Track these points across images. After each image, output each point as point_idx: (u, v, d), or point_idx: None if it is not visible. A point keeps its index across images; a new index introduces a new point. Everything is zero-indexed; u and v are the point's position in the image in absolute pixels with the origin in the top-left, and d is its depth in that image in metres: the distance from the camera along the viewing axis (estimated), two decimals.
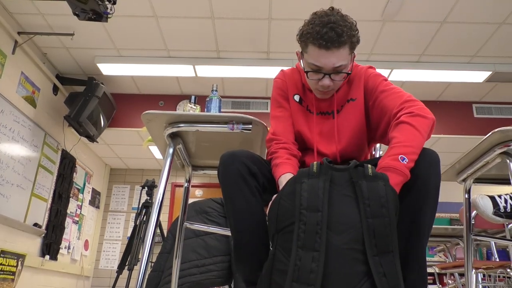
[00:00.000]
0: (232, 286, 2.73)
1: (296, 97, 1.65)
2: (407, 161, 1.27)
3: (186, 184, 2.23)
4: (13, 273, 4.15)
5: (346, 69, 1.48)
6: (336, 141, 1.58)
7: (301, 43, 1.49)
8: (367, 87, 1.57)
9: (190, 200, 2.44)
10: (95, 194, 6.60)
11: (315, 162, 1.27)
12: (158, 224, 2.64)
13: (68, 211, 5.46)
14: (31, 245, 4.60)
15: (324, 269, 1.12)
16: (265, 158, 1.58)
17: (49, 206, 4.93)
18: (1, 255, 3.95)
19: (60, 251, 5.23)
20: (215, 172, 2.14)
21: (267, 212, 1.38)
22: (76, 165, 5.68)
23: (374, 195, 1.18)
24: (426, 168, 1.27)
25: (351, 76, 1.58)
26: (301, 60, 1.53)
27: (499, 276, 4.23)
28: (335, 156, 1.58)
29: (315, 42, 1.41)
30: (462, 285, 3.78)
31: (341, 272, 1.13)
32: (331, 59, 1.42)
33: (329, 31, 1.39)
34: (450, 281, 4.52)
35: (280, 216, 1.26)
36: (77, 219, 5.90)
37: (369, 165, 1.25)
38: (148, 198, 4.33)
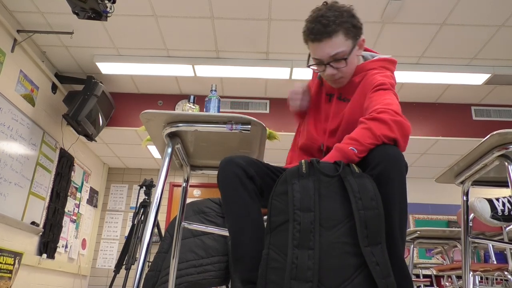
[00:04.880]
0: (230, 286, 2.73)
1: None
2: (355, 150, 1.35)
3: (184, 184, 2.23)
4: (10, 272, 4.14)
5: (345, 55, 1.54)
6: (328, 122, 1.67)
7: (304, 42, 1.60)
8: (365, 87, 1.60)
9: (188, 200, 2.43)
10: (93, 193, 6.59)
11: (303, 161, 1.33)
12: (156, 224, 2.63)
13: (66, 210, 5.45)
14: (28, 243, 4.59)
15: (319, 264, 1.18)
16: (262, 160, 1.59)
17: (46, 204, 4.92)
18: None
19: (58, 249, 5.22)
20: (214, 172, 2.14)
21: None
22: (74, 164, 5.67)
23: (363, 189, 1.25)
24: (386, 167, 1.29)
25: (365, 76, 1.62)
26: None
27: (496, 279, 4.24)
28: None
29: (309, 38, 1.55)
30: (460, 287, 3.79)
31: (335, 266, 1.19)
32: (325, 49, 1.52)
33: (317, 24, 1.50)
34: (447, 284, 4.52)
35: (273, 216, 1.30)
36: (74, 218, 5.89)
37: (354, 165, 1.32)
38: (146, 197, 4.33)
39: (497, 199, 2.18)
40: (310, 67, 1.62)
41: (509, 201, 2.16)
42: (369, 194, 1.24)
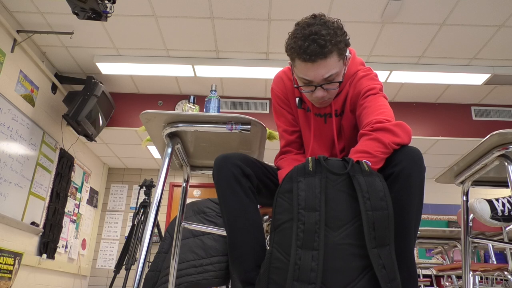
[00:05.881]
0: (229, 286, 2.73)
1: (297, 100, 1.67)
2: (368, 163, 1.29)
3: (184, 184, 2.23)
4: (10, 272, 4.14)
5: (338, 77, 1.46)
6: (336, 142, 1.60)
7: (289, 56, 1.48)
8: (354, 96, 1.57)
9: (188, 200, 2.43)
10: (93, 193, 6.59)
11: (310, 158, 1.29)
12: (156, 224, 2.63)
13: (66, 210, 5.45)
14: (28, 243, 4.59)
15: (323, 266, 1.15)
16: (262, 160, 1.59)
17: (46, 204, 4.92)
18: None
19: (58, 250, 5.22)
20: None
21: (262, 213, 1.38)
22: (74, 164, 5.67)
23: (372, 189, 1.20)
24: (408, 165, 1.27)
25: (351, 83, 1.58)
26: (293, 72, 1.53)
27: (496, 279, 4.24)
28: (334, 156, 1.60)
29: (300, 57, 1.40)
30: (460, 287, 3.79)
31: (340, 268, 1.16)
32: (319, 71, 1.41)
33: (311, 44, 1.37)
34: (447, 284, 4.52)
35: (277, 214, 1.27)
36: (74, 218, 5.89)
37: (364, 162, 1.27)
38: (146, 197, 4.33)
39: (497, 200, 2.17)
40: (299, 88, 1.52)
41: (509, 202, 2.15)
42: (378, 194, 1.20)
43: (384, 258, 1.17)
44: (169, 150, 1.78)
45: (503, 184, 2.11)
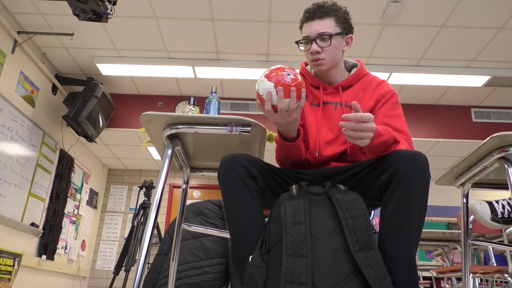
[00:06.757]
0: None
1: None
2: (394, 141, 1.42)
3: (184, 185, 2.23)
4: (10, 273, 4.14)
5: (333, 35, 1.60)
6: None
7: (300, 30, 1.67)
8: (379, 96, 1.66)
9: (188, 202, 2.43)
10: (93, 194, 6.59)
11: (294, 186, 1.40)
12: (156, 225, 2.64)
13: (66, 211, 5.45)
14: (28, 244, 4.59)
15: (313, 269, 1.21)
16: (264, 160, 1.59)
17: (46, 205, 4.92)
18: None
19: (57, 251, 5.22)
20: (213, 173, 2.15)
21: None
22: (74, 165, 5.67)
23: (348, 202, 1.33)
24: (411, 169, 1.30)
25: (364, 83, 1.68)
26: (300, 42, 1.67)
27: (496, 281, 4.23)
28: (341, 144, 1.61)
29: (303, 19, 1.64)
30: None
31: (329, 269, 1.21)
32: (315, 27, 1.60)
33: (313, 6, 1.63)
34: (447, 286, 4.52)
35: (271, 237, 1.33)
36: (74, 219, 5.89)
37: (341, 185, 1.42)
38: (146, 199, 4.33)
39: (497, 202, 2.18)
40: (298, 43, 1.67)
41: (508, 204, 2.16)
42: (354, 204, 1.32)
43: (369, 259, 1.22)
44: (169, 151, 1.78)
45: (503, 186, 2.12)
